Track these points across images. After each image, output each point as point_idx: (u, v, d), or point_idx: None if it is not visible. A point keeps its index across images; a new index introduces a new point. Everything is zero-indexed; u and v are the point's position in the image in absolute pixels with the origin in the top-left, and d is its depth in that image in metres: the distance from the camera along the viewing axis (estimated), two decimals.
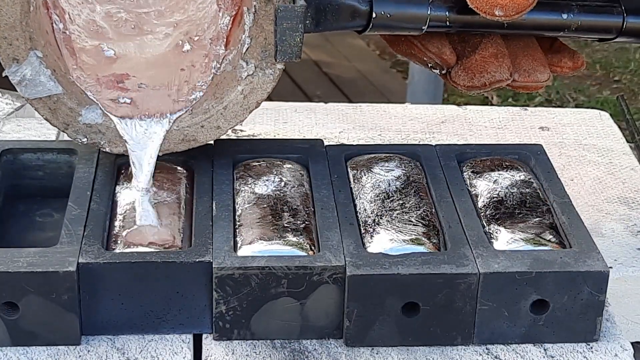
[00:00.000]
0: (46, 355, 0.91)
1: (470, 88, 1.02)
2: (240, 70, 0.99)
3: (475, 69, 1.01)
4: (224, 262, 0.90)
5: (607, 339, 0.95)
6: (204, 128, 1.01)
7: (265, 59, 0.99)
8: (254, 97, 1.00)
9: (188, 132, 1.01)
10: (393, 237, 0.95)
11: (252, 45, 0.98)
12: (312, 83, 3.50)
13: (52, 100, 0.98)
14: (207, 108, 1.01)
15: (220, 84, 1.00)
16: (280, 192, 1.00)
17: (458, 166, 1.07)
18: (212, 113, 1.01)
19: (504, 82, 1.02)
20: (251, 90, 1.00)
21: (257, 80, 0.99)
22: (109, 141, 1.01)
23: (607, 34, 1.05)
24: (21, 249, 0.91)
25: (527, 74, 1.03)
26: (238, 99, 1.00)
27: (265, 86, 1.00)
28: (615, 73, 3.59)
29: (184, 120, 1.01)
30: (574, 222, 0.98)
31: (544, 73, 1.04)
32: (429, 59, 1.02)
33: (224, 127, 1.02)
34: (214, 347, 0.92)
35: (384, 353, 0.93)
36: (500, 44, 1.03)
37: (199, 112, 1.01)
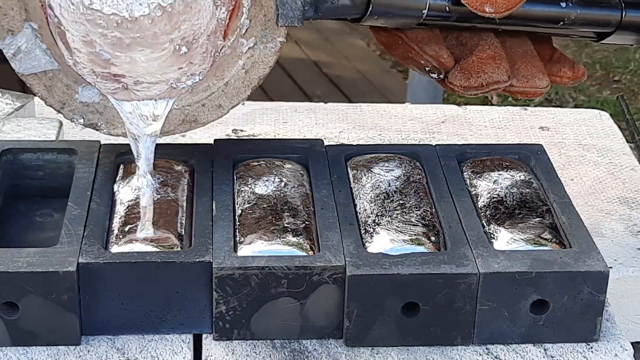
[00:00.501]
0: (46, 355, 0.91)
1: (467, 88, 1.01)
2: (241, 47, 0.97)
3: (472, 70, 1.01)
4: (224, 262, 0.90)
5: (607, 339, 0.95)
6: (205, 107, 0.99)
7: (266, 35, 0.97)
8: (256, 72, 0.98)
9: (189, 112, 0.99)
10: (393, 237, 0.95)
11: (252, 25, 0.96)
12: (312, 83, 3.50)
13: (47, 77, 0.96)
14: (208, 85, 0.98)
15: (221, 64, 0.98)
16: (280, 192, 1.00)
17: (458, 166, 1.07)
18: (213, 90, 0.98)
19: (501, 83, 1.01)
20: (252, 64, 0.98)
21: (258, 54, 0.97)
22: (106, 122, 0.98)
23: (605, 27, 1.04)
24: (21, 249, 0.91)
25: (526, 80, 1.03)
26: (240, 74, 0.98)
27: (266, 60, 0.98)
28: (615, 73, 3.59)
29: (184, 99, 0.98)
30: (574, 222, 0.98)
31: (543, 80, 1.03)
32: (426, 62, 1.02)
33: (226, 106, 1.00)
34: (214, 347, 0.92)
35: (384, 353, 0.93)
36: (498, 48, 1.02)
37: (200, 90, 0.98)
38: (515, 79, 1.02)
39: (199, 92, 0.98)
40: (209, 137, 1.26)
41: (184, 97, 0.98)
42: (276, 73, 3.54)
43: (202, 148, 1.07)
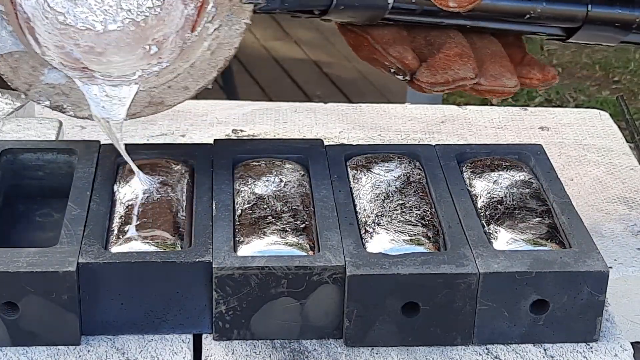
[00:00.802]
0: (46, 355, 0.91)
1: (434, 85, 1.01)
2: (206, 30, 0.96)
3: (439, 66, 1.00)
4: (224, 262, 0.90)
5: (607, 339, 0.95)
6: (171, 89, 0.99)
7: (231, 18, 0.96)
8: (221, 53, 0.98)
9: (155, 94, 0.98)
10: (393, 237, 0.95)
11: (218, 12, 0.96)
12: (312, 83, 3.49)
13: (13, 58, 0.95)
14: (174, 67, 0.98)
15: (187, 49, 0.98)
16: (280, 192, 1.00)
17: (458, 166, 1.07)
18: (180, 72, 0.98)
19: (467, 80, 1.01)
20: (218, 45, 0.97)
21: (223, 35, 0.96)
22: (72, 104, 0.97)
23: (572, 22, 1.04)
24: (21, 249, 0.91)
25: (494, 79, 1.02)
26: (205, 55, 0.97)
27: (232, 41, 0.97)
28: (615, 73, 3.59)
29: (151, 82, 0.98)
30: (573, 222, 0.98)
31: (511, 80, 1.03)
32: (390, 63, 1.01)
33: (192, 87, 0.99)
34: (214, 347, 0.92)
35: (384, 353, 0.93)
36: (465, 46, 1.02)
37: (166, 72, 0.98)
38: (483, 78, 1.02)
39: (165, 74, 0.97)
40: (209, 137, 1.26)
41: (150, 80, 0.97)
42: (276, 73, 3.54)
43: (202, 148, 1.07)
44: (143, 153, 1.06)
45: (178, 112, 1.36)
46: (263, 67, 3.56)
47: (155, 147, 1.09)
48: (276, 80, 3.50)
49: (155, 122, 1.33)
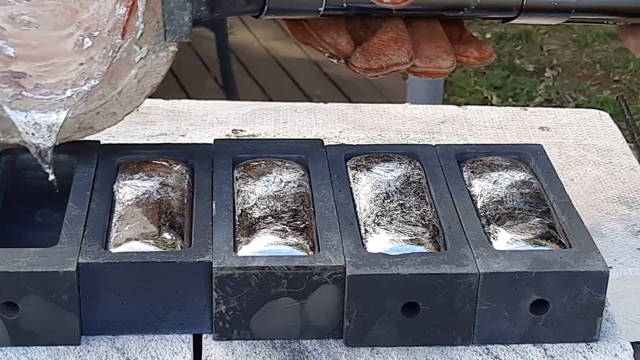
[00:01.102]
0: (46, 355, 0.91)
1: (368, 70, 1.01)
2: (134, 55, 0.97)
3: (373, 52, 1.00)
4: (224, 262, 0.90)
5: (607, 339, 0.95)
6: (99, 115, 0.99)
7: (158, 43, 0.97)
8: (148, 80, 0.99)
9: (84, 120, 0.99)
10: (393, 237, 0.95)
11: (146, 30, 0.96)
12: (312, 83, 3.50)
13: None
14: (102, 94, 0.98)
15: (115, 71, 0.98)
16: (280, 192, 1.00)
17: (458, 166, 1.07)
18: (107, 99, 0.98)
19: (402, 65, 1.01)
20: (145, 73, 0.98)
21: (150, 64, 0.97)
22: (3, 131, 0.98)
23: (508, 12, 1.04)
24: (21, 249, 0.91)
25: (429, 60, 1.02)
26: (132, 83, 0.98)
27: (159, 69, 0.98)
28: (615, 73, 3.59)
29: (79, 108, 0.98)
30: (574, 222, 0.98)
31: (447, 60, 1.03)
32: (324, 49, 1.01)
33: (120, 113, 1.00)
34: (214, 347, 0.92)
35: (384, 353, 0.93)
36: (401, 29, 1.01)
37: (94, 99, 0.98)
38: (418, 59, 1.02)
39: (93, 100, 0.98)
40: (209, 137, 1.26)
41: (79, 106, 0.98)
42: (276, 73, 3.54)
43: (202, 148, 1.08)
44: (143, 153, 1.06)
45: (178, 113, 1.36)
46: (263, 67, 3.57)
47: (155, 147, 1.09)
48: (276, 80, 3.50)
49: (155, 122, 1.33)
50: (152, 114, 1.35)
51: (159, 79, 0.99)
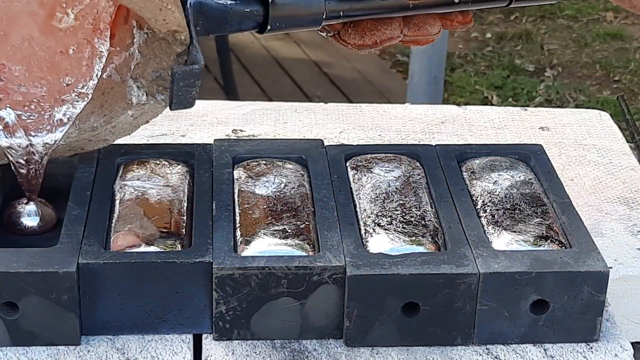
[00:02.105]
0: (46, 355, 0.91)
1: (361, 47, 1.01)
2: (131, 93, 0.96)
3: (366, 28, 1.00)
4: (224, 262, 0.90)
5: (607, 339, 0.95)
6: (91, 142, 1.00)
7: (156, 81, 0.96)
8: (144, 118, 1.00)
9: (75, 145, 1.00)
10: (393, 237, 0.95)
11: (142, 62, 0.95)
12: (312, 83, 3.50)
13: None
14: (95, 126, 0.98)
15: (108, 101, 0.97)
16: (280, 192, 1.00)
17: (458, 166, 1.07)
18: (100, 131, 0.99)
19: (395, 39, 1.01)
20: (142, 114, 0.98)
21: (149, 107, 0.97)
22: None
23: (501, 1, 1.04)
24: (21, 249, 0.91)
25: (417, 28, 1.02)
26: (128, 120, 0.98)
27: (156, 110, 0.98)
28: (615, 73, 3.59)
29: (71, 136, 0.98)
30: (574, 222, 0.98)
31: (434, 26, 1.03)
32: None
33: (111, 140, 1.02)
34: (214, 347, 0.92)
35: (384, 353, 0.93)
36: None
37: (87, 129, 0.98)
38: (407, 28, 1.02)
39: (86, 130, 0.98)
40: (209, 137, 1.26)
41: (71, 135, 0.97)
42: (276, 73, 3.54)
43: (202, 148, 1.08)
44: (143, 153, 1.06)
45: (178, 113, 1.36)
46: (263, 67, 3.57)
47: (155, 147, 1.09)
48: (276, 81, 3.50)
49: (155, 123, 1.33)
50: None
51: (155, 116, 0.99)
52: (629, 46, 3.76)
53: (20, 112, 0.94)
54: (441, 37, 2.83)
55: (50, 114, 0.94)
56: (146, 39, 0.94)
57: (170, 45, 0.93)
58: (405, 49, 3.59)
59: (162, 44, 0.94)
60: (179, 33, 0.92)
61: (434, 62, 2.88)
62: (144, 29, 0.94)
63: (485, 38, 3.82)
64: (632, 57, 3.67)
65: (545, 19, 3.96)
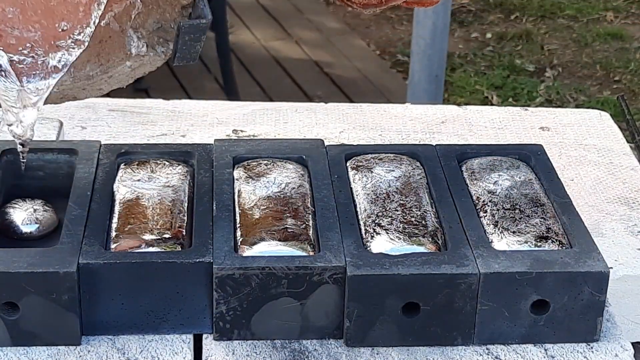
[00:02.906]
0: (46, 355, 0.91)
1: (366, 6, 1.00)
2: (130, 43, 0.94)
3: None
4: (224, 262, 0.90)
5: (607, 339, 0.95)
6: (85, 90, 0.96)
7: (157, 32, 0.94)
8: (142, 69, 0.97)
9: (68, 93, 0.97)
10: (393, 238, 0.95)
11: (143, 12, 0.93)
12: (312, 83, 3.49)
13: None
14: (91, 75, 0.95)
15: (106, 50, 0.94)
16: (281, 192, 1.00)
17: (458, 166, 1.07)
18: (96, 80, 0.95)
19: None
20: (141, 65, 0.95)
21: (148, 59, 0.95)
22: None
23: None
24: (21, 249, 0.91)
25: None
26: (125, 71, 0.96)
27: (155, 63, 0.95)
28: (615, 73, 3.59)
29: (65, 84, 0.95)
30: (574, 223, 0.98)
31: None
32: None
33: (106, 89, 0.98)
34: (214, 347, 0.92)
35: (384, 353, 0.93)
36: None
37: (82, 78, 0.95)
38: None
39: (80, 78, 0.94)
40: (209, 138, 1.26)
41: (65, 82, 0.94)
42: (277, 73, 3.54)
43: (203, 148, 1.08)
44: (143, 153, 1.06)
45: (179, 113, 1.36)
46: (264, 67, 3.57)
47: (155, 147, 1.09)
48: (277, 81, 3.50)
49: (155, 123, 1.33)
50: (153, 114, 1.35)
51: (153, 68, 0.97)
52: (629, 46, 3.76)
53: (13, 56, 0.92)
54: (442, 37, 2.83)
55: (44, 60, 0.92)
56: None
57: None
58: (405, 49, 3.59)
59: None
60: None
61: (434, 62, 2.88)
62: None
63: (485, 38, 3.82)
64: (632, 57, 3.67)
65: (546, 18, 3.96)
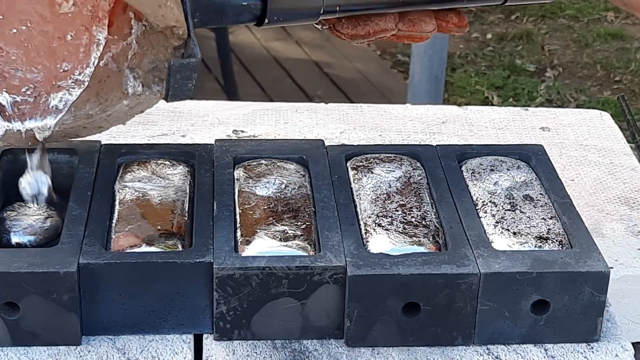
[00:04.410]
0: (47, 355, 0.91)
1: (354, 37, 1.01)
2: (127, 83, 0.95)
3: (360, 19, 1.00)
4: (225, 262, 0.90)
5: (607, 339, 0.95)
6: (86, 129, 0.99)
7: (152, 72, 0.95)
8: (140, 108, 0.98)
9: (70, 132, 0.99)
10: (393, 238, 0.95)
11: (139, 53, 0.94)
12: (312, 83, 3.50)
13: None
14: (91, 114, 0.97)
15: (104, 89, 0.96)
16: (281, 192, 1.00)
17: (459, 166, 1.07)
18: (95, 119, 0.98)
19: (388, 31, 1.01)
20: (138, 104, 0.97)
21: (145, 98, 0.97)
22: None
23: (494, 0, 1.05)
24: (22, 249, 0.91)
25: (412, 24, 1.02)
26: (123, 109, 0.97)
27: (151, 101, 0.97)
28: (616, 73, 3.59)
29: (66, 123, 0.97)
30: (574, 223, 0.98)
31: (429, 24, 1.03)
32: None
33: (106, 127, 1.00)
34: (215, 347, 0.92)
35: (385, 353, 0.93)
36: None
37: (82, 117, 0.97)
38: (401, 23, 1.02)
39: (81, 118, 0.97)
40: (209, 138, 1.26)
41: (66, 121, 0.97)
42: (277, 73, 3.54)
43: (203, 148, 1.08)
44: (144, 153, 1.06)
45: (179, 113, 1.36)
46: (264, 67, 3.57)
47: (156, 147, 1.09)
48: (277, 81, 3.50)
49: (156, 123, 1.33)
50: (153, 114, 1.35)
51: (150, 107, 0.99)
52: (630, 46, 3.76)
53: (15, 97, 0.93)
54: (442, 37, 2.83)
55: (46, 99, 0.94)
56: (144, 30, 0.94)
57: (167, 38, 0.93)
58: (405, 49, 3.59)
59: (159, 36, 0.93)
60: (177, 28, 0.92)
61: (434, 62, 2.88)
62: (142, 21, 0.94)
63: (485, 38, 3.82)
64: (632, 58, 3.67)
65: (546, 19, 3.96)
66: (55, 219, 0.98)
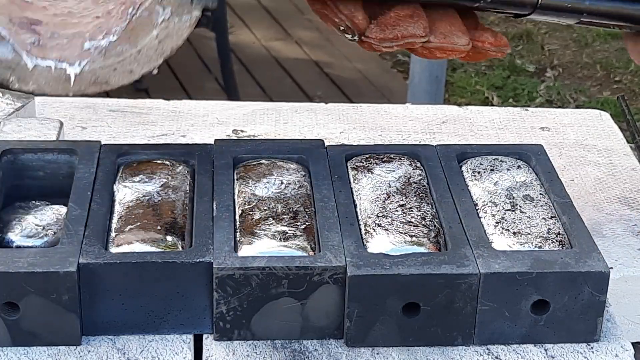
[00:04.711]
0: (46, 355, 0.91)
1: (383, 40, 1.00)
2: (157, 16, 0.95)
3: (389, 23, 0.99)
4: (225, 262, 0.90)
5: (607, 339, 0.95)
6: (116, 71, 0.97)
7: (182, 5, 0.95)
8: (169, 42, 0.97)
9: (100, 74, 0.97)
10: (393, 238, 0.95)
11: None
12: (312, 83, 3.50)
13: None
14: (121, 51, 0.97)
15: (135, 29, 0.96)
16: (281, 192, 1.00)
17: (459, 166, 1.07)
18: (126, 56, 0.96)
19: (417, 37, 1.00)
20: (167, 35, 0.96)
21: (173, 26, 0.95)
22: (19, 78, 0.97)
23: (522, 9, 1.04)
24: (21, 249, 0.91)
25: (444, 36, 1.02)
26: (153, 43, 0.96)
27: (180, 32, 0.96)
28: (615, 73, 3.59)
29: (96, 62, 0.96)
30: (574, 223, 0.98)
31: (462, 38, 1.02)
32: (340, 20, 1.00)
33: (137, 71, 0.98)
34: (215, 347, 0.92)
35: (385, 353, 0.93)
36: (417, 8, 1.01)
37: (112, 55, 0.96)
38: (432, 35, 1.01)
39: (111, 56, 0.96)
40: (209, 138, 1.26)
41: (96, 61, 0.96)
42: (277, 73, 3.54)
43: (203, 148, 1.08)
44: (144, 153, 1.06)
45: (179, 113, 1.36)
46: (264, 67, 3.57)
47: (155, 147, 1.09)
48: (277, 81, 3.50)
49: (156, 123, 1.33)
50: (153, 114, 1.36)
51: (179, 41, 0.97)
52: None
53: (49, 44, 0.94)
54: None
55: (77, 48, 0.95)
56: None
57: None
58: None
59: None
60: None
61: (434, 62, 2.88)
62: None
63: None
64: None
65: None
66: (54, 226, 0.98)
